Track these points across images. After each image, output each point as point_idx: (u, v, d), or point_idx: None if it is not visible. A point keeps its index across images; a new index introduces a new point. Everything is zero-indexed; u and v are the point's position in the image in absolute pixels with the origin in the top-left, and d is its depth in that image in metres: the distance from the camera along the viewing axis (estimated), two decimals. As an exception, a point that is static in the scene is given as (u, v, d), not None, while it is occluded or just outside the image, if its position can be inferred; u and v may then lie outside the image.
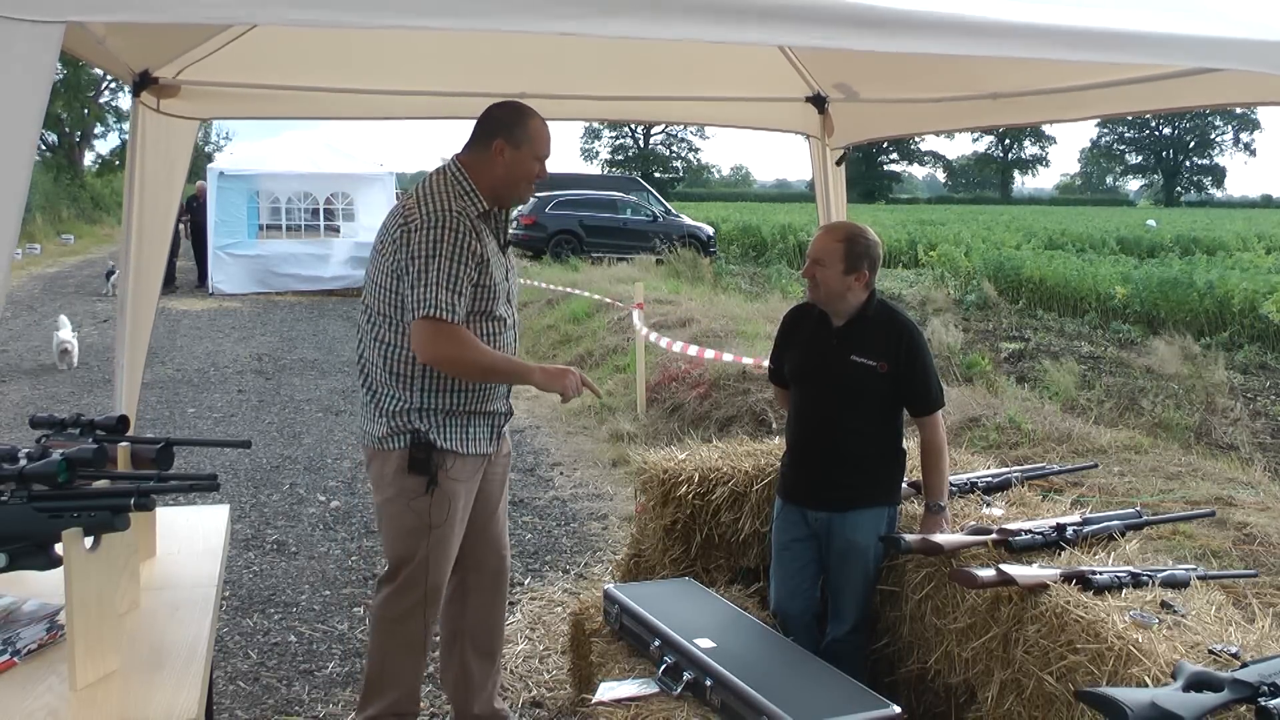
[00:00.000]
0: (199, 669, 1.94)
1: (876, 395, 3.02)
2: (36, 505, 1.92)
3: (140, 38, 2.97)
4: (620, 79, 3.96)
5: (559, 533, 5.55)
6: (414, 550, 2.92)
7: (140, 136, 3.33)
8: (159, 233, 3.59)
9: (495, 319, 2.89)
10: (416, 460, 2.85)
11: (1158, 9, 2.26)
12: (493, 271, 2.84)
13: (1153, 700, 1.83)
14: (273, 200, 17.18)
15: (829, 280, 3.01)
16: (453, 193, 2.82)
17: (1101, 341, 12.66)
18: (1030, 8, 2.14)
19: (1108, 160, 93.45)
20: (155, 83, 3.33)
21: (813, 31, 1.86)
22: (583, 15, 1.75)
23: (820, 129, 4.31)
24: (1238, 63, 2.22)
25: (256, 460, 6.81)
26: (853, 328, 3.05)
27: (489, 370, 2.83)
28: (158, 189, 3.50)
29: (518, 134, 2.85)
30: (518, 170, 2.88)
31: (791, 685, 2.53)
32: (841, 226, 3.10)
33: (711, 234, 23.91)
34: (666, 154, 79.89)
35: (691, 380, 8.03)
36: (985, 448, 5.86)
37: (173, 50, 3.24)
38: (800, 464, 3.17)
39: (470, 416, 2.93)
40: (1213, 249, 25.25)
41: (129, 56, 3.15)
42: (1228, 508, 4.75)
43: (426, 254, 2.72)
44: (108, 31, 2.65)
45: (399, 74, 3.70)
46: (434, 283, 2.70)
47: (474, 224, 2.80)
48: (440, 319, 2.69)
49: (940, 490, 3.05)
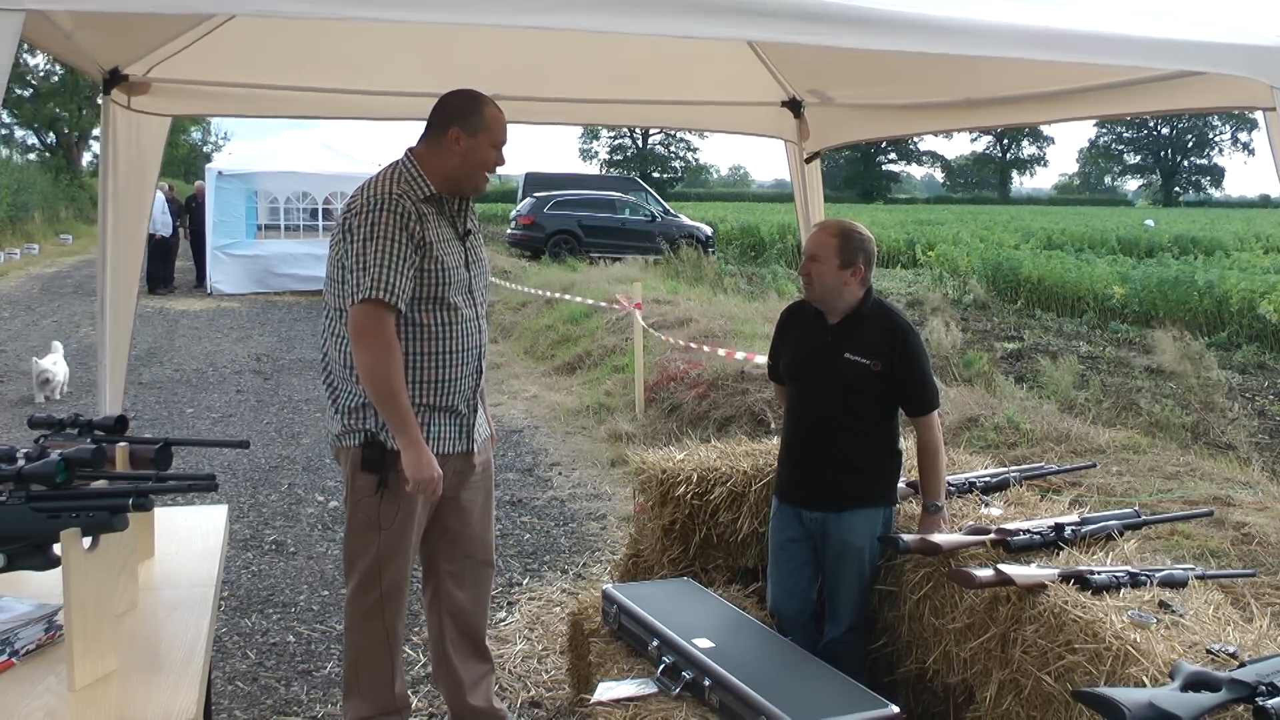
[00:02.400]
0: (197, 669, 1.94)
1: (870, 394, 3.01)
2: (35, 505, 1.92)
3: (109, 33, 2.94)
4: (597, 82, 3.97)
5: (557, 533, 5.55)
6: (366, 549, 2.92)
7: (112, 134, 3.30)
8: (134, 231, 3.56)
9: (448, 308, 2.84)
10: (368, 460, 2.84)
11: (1134, 13, 2.28)
12: (441, 258, 2.81)
13: (1150, 700, 1.83)
14: (271, 200, 17.17)
15: (824, 275, 3.01)
16: (395, 179, 2.81)
17: (1100, 341, 12.67)
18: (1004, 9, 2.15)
19: (1106, 160, 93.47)
20: (125, 80, 3.30)
21: (778, 27, 1.88)
22: (549, 10, 1.76)
23: (796, 133, 4.33)
24: (1210, 65, 2.24)
25: (255, 460, 6.80)
26: (847, 326, 3.05)
27: (387, 392, 2.71)
28: (130, 187, 3.47)
29: (473, 121, 2.82)
30: (474, 159, 2.85)
31: (790, 685, 2.53)
32: (835, 223, 3.11)
33: (710, 234, 23.93)
34: (665, 154, 79.86)
35: (690, 380, 8.03)
36: (983, 448, 5.87)
37: (142, 47, 3.21)
38: (795, 463, 3.17)
39: (430, 412, 2.88)
40: (1211, 249, 25.25)
41: (98, 52, 3.11)
42: (1226, 507, 4.76)
43: (364, 237, 2.72)
44: (75, 25, 2.61)
45: (372, 74, 3.69)
46: (373, 264, 2.69)
47: (417, 208, 2.78)
48: (378, 299, 2.67)
49: (937, 491, 3.05)
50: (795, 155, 4.40)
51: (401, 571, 2.97)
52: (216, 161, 19.39)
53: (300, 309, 14.99)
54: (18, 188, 26.78)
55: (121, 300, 3.54)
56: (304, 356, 11.01)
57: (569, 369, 10.27)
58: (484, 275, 3.06)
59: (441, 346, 2.86)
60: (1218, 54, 2.22)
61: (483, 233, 3.15)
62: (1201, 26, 2.28)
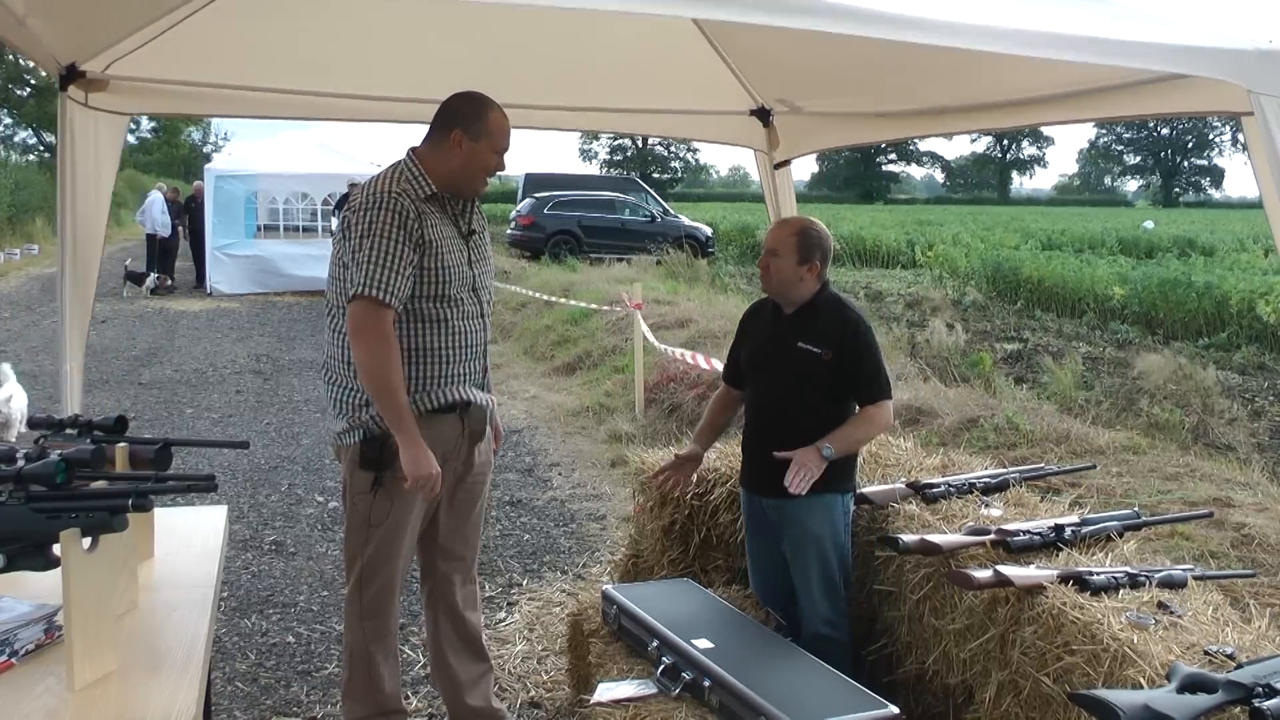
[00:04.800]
0: (197, 670, 1.94)
1: (822, 383, 3.07)
2: (34, 506, 1.92)
3: (64, 24, 2.90)
4: (566, 88, 3.97)
5: (557, 533, 5.55)
6: (361, 546, 2.94)
7: (69, 132, 3.23)
8: (92, 231, 3.48)
9: (449, 305, 2.85)
10: (366, 457, 2.85)
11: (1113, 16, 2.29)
12: (442, 255, 2.82)
13: (1146, 703, 1.83)
14: (270, 201, 17.18)
15: (782, 270, 3.11)
16: (396, 178, 2.83)
17: (1100, 342, 12.67)
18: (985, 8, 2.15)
19: (1106, 161, 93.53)
20: (83, 76, 3.24)
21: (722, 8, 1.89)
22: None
23: (765, 142, 4.34)
24: (1190, 68, 2.25)
25: (255, 461, 6.80)
26: (801, 316, 3.14)
27: (384, 388, 2.73)
28: (88, 186, 3.40)
29: (477, 126, 2.83)
30: (475, 163, 2.86)
31: (790, 686, 2.54)
32: (795, 220, 3.25)
33: (710, 234, 23.92)
34: (665, 154, 79.89)
35: (689, 381, 8.04)
36: (983, 448, 5.87)
37: (100, 42, 3.16)
38: (753, 451, 3.23)
39: (431, 410, 2.88)
40: (1210, 250, 25.25)
41: (54, 46, 3.07)
42: (1226, 508, 4.76)
43: (361, 234, 2.74)
44: (27, 10, 2.56)
45: (334, 75, 3.68)
46: (369, 261, 2.71)
47: (418, 206, 2.79)
48: (373, 297, 2.69)
49: (836, 440, 2.99)
50: (764, 163, 4.42)
51: (391, 571, 2.97)
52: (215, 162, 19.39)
53: (300, 309, 14.98)
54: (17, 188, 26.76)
55: (80, 302, 3.44)
56: (303, 357, 11.01)
57: (569, 369, 10.28)
58: (489, 274, 3.05)
59: (443, 344, 2.86)
60: (1197, 57, 2.23)
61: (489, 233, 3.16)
62: (1181, 30, 2.29)
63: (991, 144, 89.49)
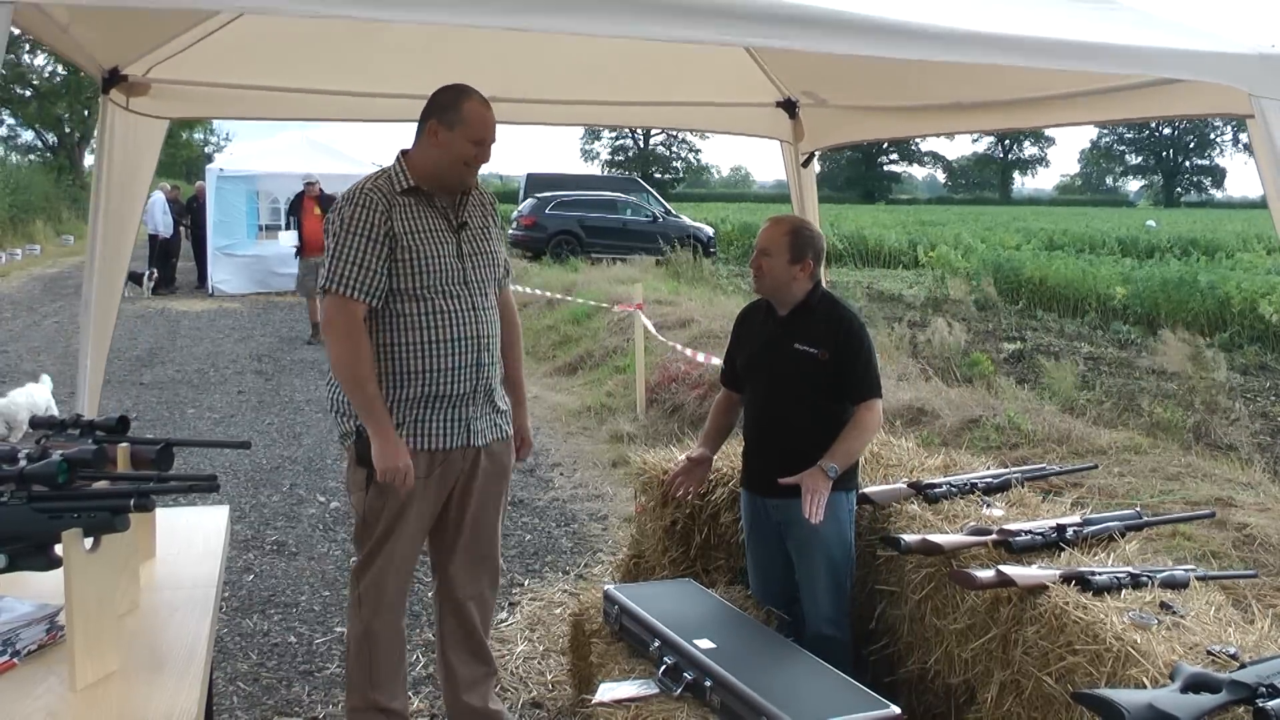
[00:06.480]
0: (198, 670, 1.94)
1: (821, 382, 3.07)
2: (36, 506, 1.92)
3: (106, 29, 2.93)
4: (593, 85, 3.98)
5: (559, 533, 5.55)
6: (362, 543, 2.97)
7: (109, 135, 3.27)
8: (124, 233, 3.54)
9: (431, 297, 2.85)
10: (361, 455, 2.86)
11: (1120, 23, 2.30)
12: (415, 248, 2.82)
13: (1150, 702, 1.83)
14: (272, 201, 17.16)
15: (775, 270, 3.10)
16: (376, 176, 2.87)
17: (1101, 342, 12.66)
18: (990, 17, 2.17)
19: (1107, 161, 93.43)
20: (125, 80, 3.28)
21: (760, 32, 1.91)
22: (534, 11, 1.77)
23: (791, 134, 4.35)
24: (1192, 74, 2.26)
25: (256, 461, 6.81)
26: (796, 317, 3.14)
27: (352, 381, 2.78)
28: (124, 188, 3.45)
29: (450, 115, 2.81)
30: (452, 152, 2.83)
31: (791, 686, 2.53)
32: (787, 219, 3.23)
33: (711, 234, 23.92)
34: (666, 154, 79.87)
35: (691, 381, 8.04)
36: (985, 448, 5.87)
37: (141, 46, 3.20)
38: (755, 454, 3.23)
39: (420, 405, 2.87)
40: (1212, 250, 25.22)
41: (97, 50, 3.10)
42: (1227, 509, 4.75)
43: (333, 232, 2.81)
44: (71, 18, 2.60)
45: (371, 76, 3.68)
46: (335, 257, 2.77)
47: (386, 199, 2.81)
48: (339, 293, 2.75)
49: (836, 455, 2.98)
50: (791, 156, 4.42)
51: (390, 564, 2.97)
52: (217, 162, 19.37)
53: (301, 310, 14.97)
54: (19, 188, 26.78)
55: (106, 302, 3.47)
56: (305, 357, 11.02)
57: (570, 370, 10.27)
58: (487, 267, 3.01)
59: (424, 336, 2.85)
60: (1198, 62, 2.24)
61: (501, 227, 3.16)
62: (1184, 36, 2.31)
63: (993, 144, 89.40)
